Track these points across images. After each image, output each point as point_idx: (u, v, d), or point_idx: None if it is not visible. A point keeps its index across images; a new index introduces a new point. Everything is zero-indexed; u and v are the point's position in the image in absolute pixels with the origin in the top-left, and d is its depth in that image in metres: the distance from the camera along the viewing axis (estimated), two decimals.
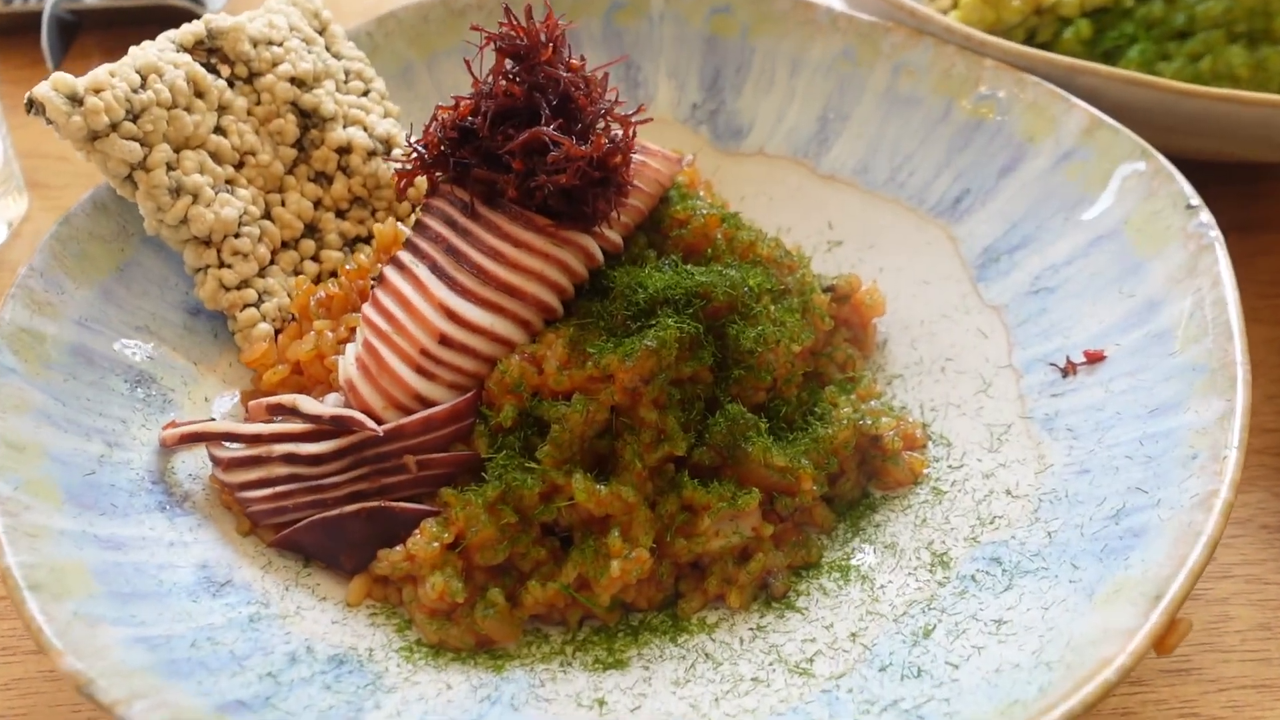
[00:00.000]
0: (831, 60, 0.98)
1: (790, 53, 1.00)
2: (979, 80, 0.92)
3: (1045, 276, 0.83)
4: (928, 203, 0.92)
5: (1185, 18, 1.07)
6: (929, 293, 0.88)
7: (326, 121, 0.89)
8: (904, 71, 0.96)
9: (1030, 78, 0.90)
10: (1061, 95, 0.87)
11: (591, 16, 1.03)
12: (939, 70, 0.94)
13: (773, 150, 0.99)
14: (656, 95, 1.03)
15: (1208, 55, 1.06)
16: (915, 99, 0.95)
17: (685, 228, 0.80)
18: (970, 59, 0.93)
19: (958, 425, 0.78)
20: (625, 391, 0.70)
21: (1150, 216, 0.79)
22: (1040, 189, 0.86)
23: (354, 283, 0.81)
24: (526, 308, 0.74)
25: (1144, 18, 1.08)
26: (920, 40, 0.95)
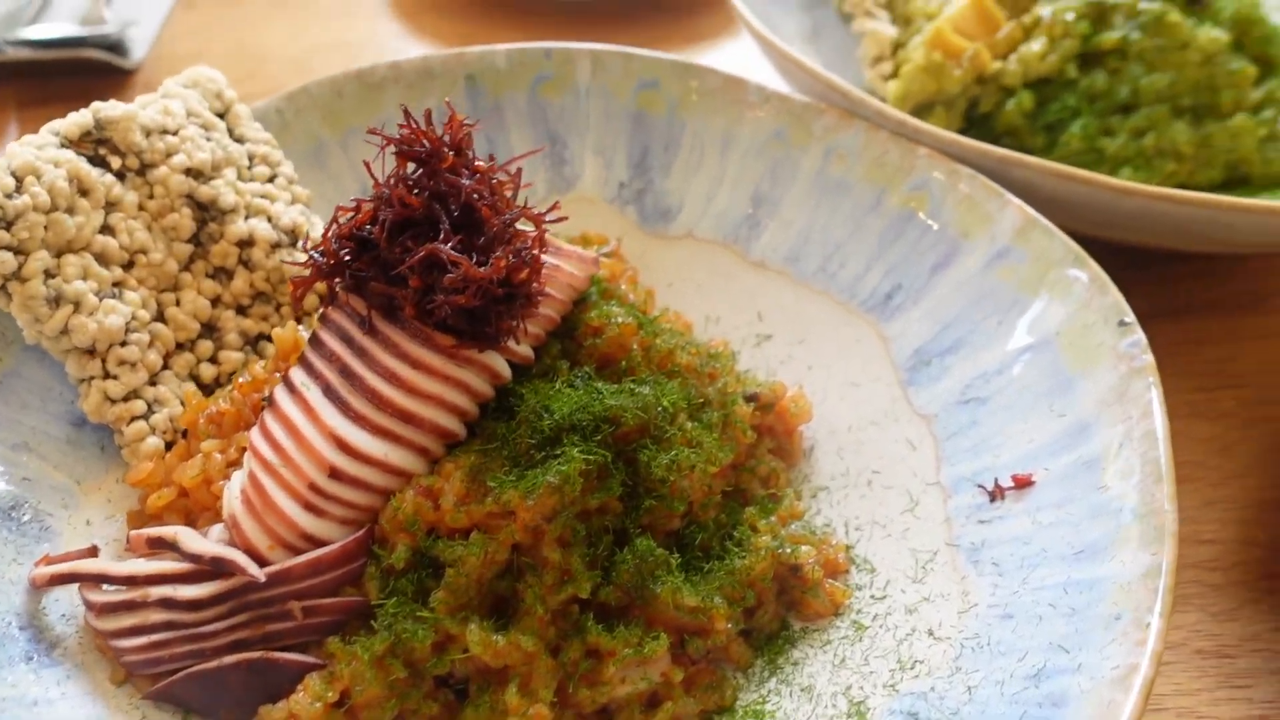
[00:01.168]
0: (763, 141, 0.95)
1: (720, 131, 0.96)
2: (911, 169, 0.88)
3: (976, 385, 0.79)
4: (859, 297, 0.88)
5: (1129, 91, 1.04)
6: (858, 396, 0.84)
7: (226, 214, 0.84)
8: (836, 156, 0.92)
9: (964, 169, 0.86)
10: (995, 190, 0.84)
11: (516, 90, 0.98)
12: (871, 157, 0.90)
13: (702, 234, 0.96)
14: (583, 173, 0.98)
15: (1151, 131, 1.03)
16: (847, 185, 0.91)
17: (600, 337, 0.76)
18: (903, 146, 0.89)
19: (883, 549, 0.75)
20: (527, 530, 0.66)
21: (1083, 330, 0.76)
22: (973, 289, 0.83)
23: (247, 397, 0.76)
24: (425, 435, 0.69)
25: (1087, 90, 1.05)
26: (852, 124, 0.92)
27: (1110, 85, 1.05)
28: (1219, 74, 1.04)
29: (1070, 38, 1.06)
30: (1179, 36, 1.04)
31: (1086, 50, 1.07)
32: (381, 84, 0.97)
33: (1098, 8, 1.08)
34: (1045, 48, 1.06)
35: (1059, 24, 1.06)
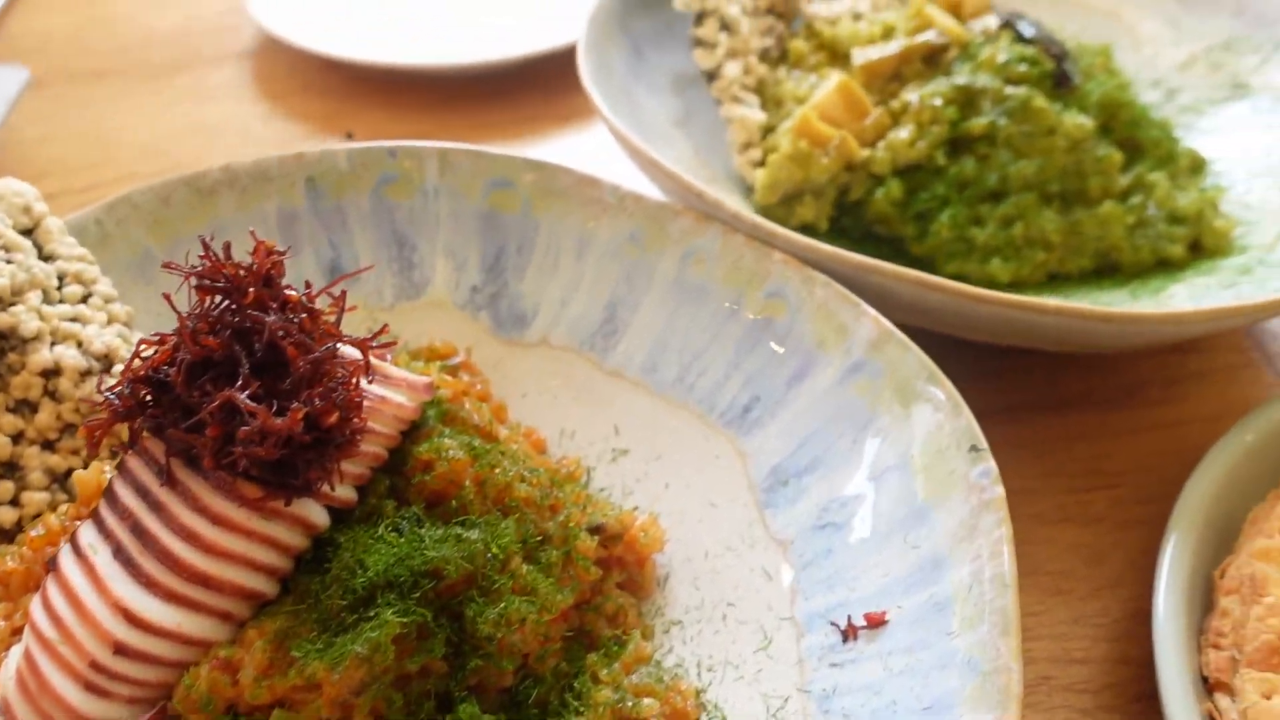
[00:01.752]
0: (619, 243, 0.91)
1: (575, 232, 0.92)
2: (767, 275, 0.85)
3: (833, 509, 0.76)
4: (718, 409, 0.84)
5: (997, 178, 1.02)
6: (716, 517, 0.80)
7: (28, 342, 0.77)
8: (694, 260, 0.88)
9: (819, 276, 0.83)
10: (851, 299, 0.81)
11: (360, 192, 0.93)
12: (728, 261, 0.87)
13: (558, 341, 0.91)
14: (433, 277, 0.94)
15: (1020, 220, 1.01)
16: (705, 291, 0.87)
17: (430, 473, 0.71)
18: (759, 250, 0.86)
19: (734, 694, 0.71)
20: (335, 705, 0.61)
21: (937, 455, 0.72)
22: (829, 405, 0.79)
23: (38, 554, 0.69)
24: (226, 599, 0.63)
25: (956, 177, 1.03)
26: (709, 226, 0.88)
27: (979, 172, 1.03)
28: (1086, 160, 1.02)
29: (938, 124, 1.04)
30: (1046, 122, 1.02)
31: (956, 136, 1.05)
32: (214, 189, 0.91)
33: (965, 93, 1.06)
34: (913, 134, 1.04)
35: (927, 110, 1.04)
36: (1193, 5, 1.25)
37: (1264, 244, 0.99)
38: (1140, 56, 1.26)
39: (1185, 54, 1.23)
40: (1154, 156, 1.06)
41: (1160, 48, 1.25)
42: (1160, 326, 0.79)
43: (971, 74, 1.07)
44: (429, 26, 1.44)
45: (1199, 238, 1.02)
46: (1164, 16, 1.26)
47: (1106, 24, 1.29)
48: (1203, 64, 1.22)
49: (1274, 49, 1.17)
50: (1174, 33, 1.25)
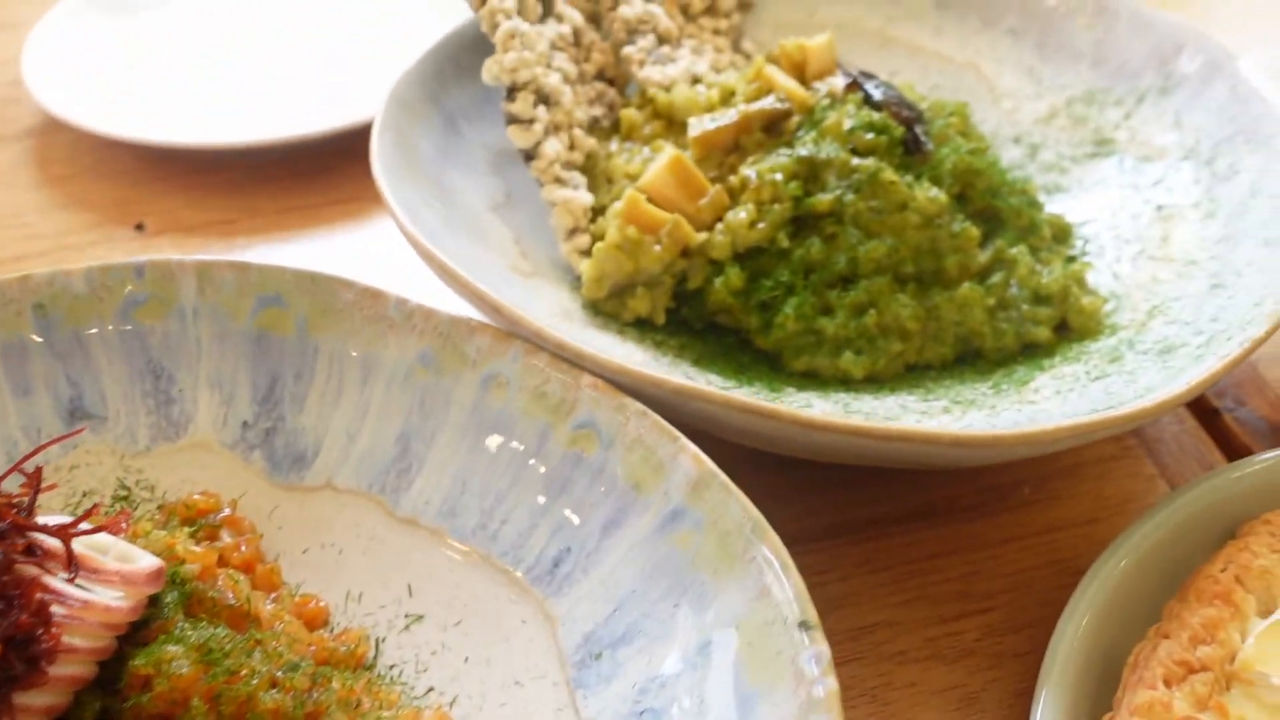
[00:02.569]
0: (409, 366, 0.78)
1: (360, 354, 0.79)
2: (576, 404, 0.73)
3: (652, 692, 0.64)
4: (524, 562, 0.72)
5: (846, 260, 0.92)
6: (522, 699, 0.68)
7: None
8: (494, 385, 0.76)
9: (634, 405, 0.72)
10: (669, 433, 0.70)
11: (102, 318, 0.79)
12: (531, 387, 0.75)
13: (344, 483, 0.78)
14: (196, 414, 0.80)
15: (873, 308, 0.91)
16: (508, 421, 0.75)
17: (148, 692, 0.58)
18: (566, 374, 0.74)
19: None
20: None
21: (763, 629, 0.61)
22: (647, 559, 0.68)
23: None
24: None
25: (802, 261, 0.93)
26: (509, 345, 0.76)
27: (827, 254, 0.93)
28: (942, 237, 0.93)
29: (780, 201, 0.94)
30: (896, 197, 0.93)
31: (801, 214, 0.95)
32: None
33: (809, 165, 0.96)
34: (753, 214, 0.93)
35: (767, 186, 0.94)
36: (1051, 55, 1.17)
37: (1134, 322, 0.90)
38: (1000, 110, 1.18)
39: (1046, 107, 1.16)
40: (1015, 227, 0.97)
41: (1021, 101, 1.17)
42: (1020, 448, 0.69)
43: (815, 144, 0.97)
44: (235, 99, 1.30)
45: (1066, 317, 0.93)
46: (1023, 67, 1.19)
47: (964, 75, 1.21)
48: (1064, 117, 1.14)
49: (1137, 102, 1.10)
50: (1034, 85, 1.17)
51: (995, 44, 1.21)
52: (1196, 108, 1.05)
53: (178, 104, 1.29)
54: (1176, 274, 0.93)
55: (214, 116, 1.26)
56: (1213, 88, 1.04)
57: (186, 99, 1.30)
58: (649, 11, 1.10)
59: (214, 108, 1.28)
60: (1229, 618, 0.70)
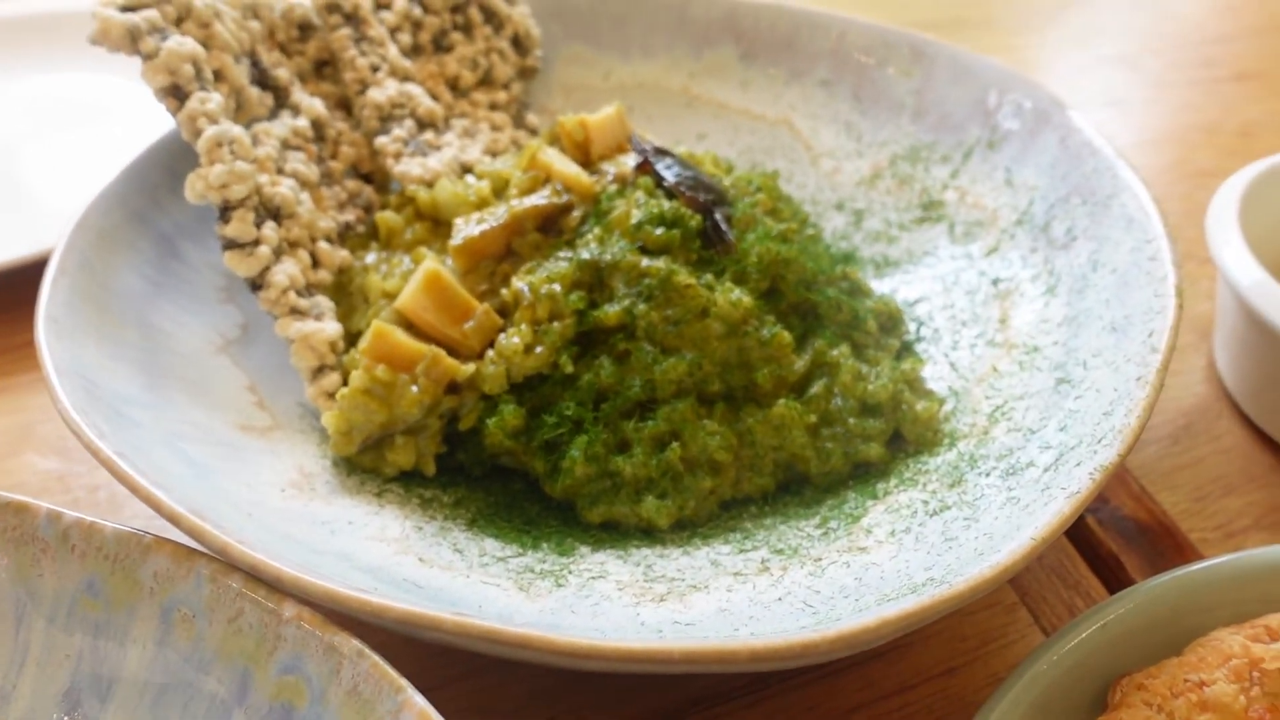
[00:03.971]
0: (73, 598, 0.60)
1: (12, 586, 0.61)
2: (279, 640, 0.57)
3: None
4: None
5: (642, 384, 0.78)
6: None
7: None
8: (178, 618, 0.59)
9: (349, 643, 0.55)
10: (390, 680, 0.54)
11: None
12: (224, 619, 0.58)
13: None
14: None
15: (676, 440, 0.77)
16: (200, 664, 0.58)
17: None
18: (265, 603, 0.57)
19: None
20: None
21: None
22: None
23: None
24: None
25: (591, 388, 0.78)
26: (192, 567, 0.59)
27: (619, 378, 0.78)
28: (750, 346, 0.79)
29: (561, 318, 0.79)
30: (694, 303, 0.79)
31: (587, 329, 0.80)
32: None
33: (593, 270, 0.81)
34: (528, 336, 0.79)
35: (543, 301, 0.79)
36: (869, 108, 1.06)
37: (975, 429, 0.78)
38: (820, 172, 1.06)
39: (869, 167, 1.04)
40: (835, 323, 0.84)
41: (841, 160, 1.05)
42: (835, 651, 0.55)
43: (600, 243, 0.83)
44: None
45: (900, 427, 0.80)
46: (840, 122, 1.07)
47: (778, 133, 1.09)
48: (889, 178, 1.02)
49: (964, 158, 0.99)
50: (854, 142, 1.06)
51: (808, 97, 1.09)
52: (1027, 163, 0.94)
53: None
54: (1018, 364, 0.82)
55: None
56: (1041, 139, 0.94)
57: None
58: (405, 92, 0.94)
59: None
60: None
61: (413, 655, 0.74)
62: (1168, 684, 0.63)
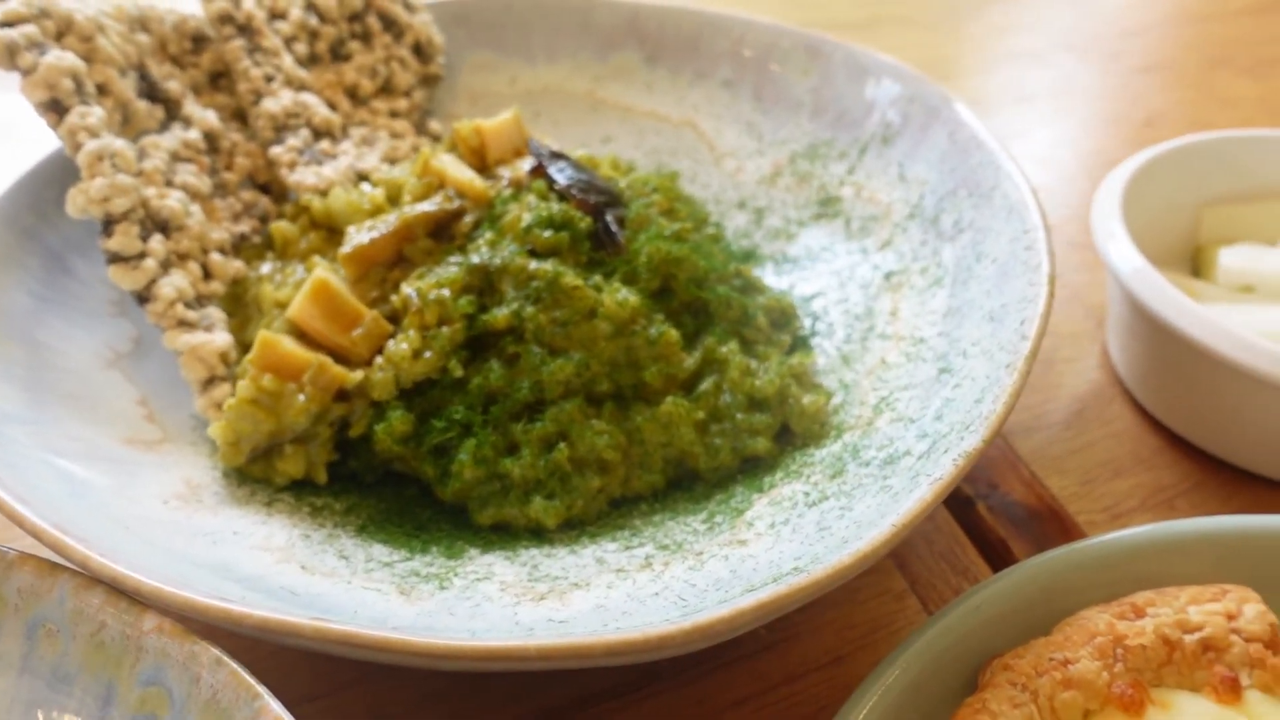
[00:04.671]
0: None
1: None
2: (140, 652, 0.57)
3: None
4: None
5: (530, 386, 0.78)
6: None
7: None
8: (43, 634, 0.59)
9: (209, 652, 0.56)
10: (247, 687, 0.54)
11: None
12: (86, 634, 0.58)
13: None
14: None
15: (564, 440, 0.77)
16: (66, 679, 0.58)
17: None
18: (126, 614, 0.58)
19: None
20: None
21: None
22: None
23: None
24: None
25: (480, 391, 0.79)
26: (55, 582, 0.59)
27: (508, 381, 0.79)
28: (638, 345, 0.80)
29: (450, 323, 0.80)
30: (582, 304, 0.80)
31: (477, 334, 0.81)
32: None
33: (483, 275, 0.82)
34: (416, 341, 0.79)
35: (431, 306, 0.80)
36: (769, 108, 1.07)
37: (861, 421, 0.79)
38: (723, 172, 1.07)
39: (770, 165, 1.05)
40: (725, 320, 0.85)
41: (743, 160, 1.07)
42: (692, 642, 0.56)
43: (491, 248, 0.83)
44: None
45: (787, 421, 0.81)
46: (743, 122, 1.08)
47: (683, 135, 1.10)
48: (789, 176, 1.04)
49: (860, 154, 1.00)
50: (756, 141, 1.07)
51: (711, 98, 1.10)
52: (918, 158, 0.96)
53: None
54: (905, 355, 0.83)
55: None
56: (932, 134, 0.95)
57: None
58: (300, 102, 0.94)
59: None
60: None
61: (309, 665, 0.74)
62: (1033, 663, 0.64)
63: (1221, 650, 0.66)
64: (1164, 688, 0.65)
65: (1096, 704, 0.64)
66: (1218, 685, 0.65)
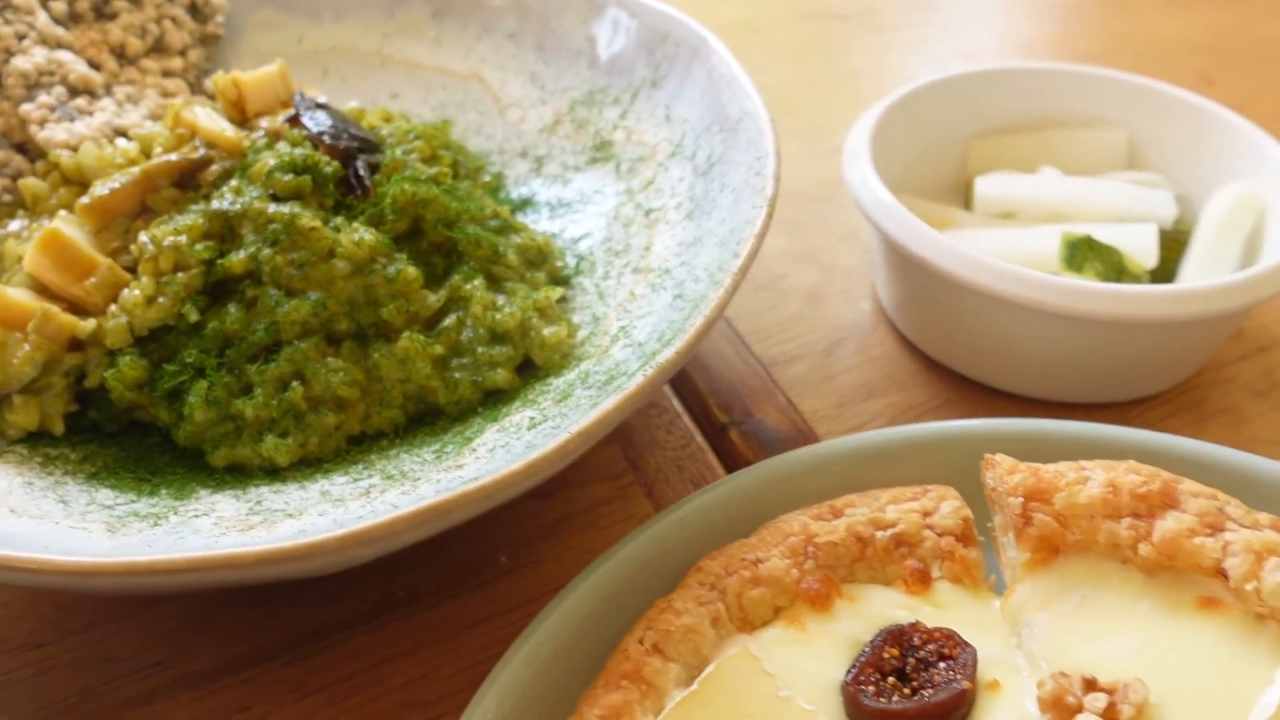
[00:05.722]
0: None
1: None
2: None
3: None
4: None
5: (266, 327, 0.78)
6: None
7: None
8: None
9: None
10: None
11: None
12: None
13: None
14: None
15: (298, 379, 0.78)
16: None
17: None
18: None
19: None
20: None
21: None
22: None
23: None
24: None
25: (217, 335, 0.79)
26: None
27: (245, 322, 0.79)
28: (377, 284, 0.81)
29: (186, 269, 0.80)
30: (320, 245, 0.80)
31: (217, 278, 0.81)
32: None
33: (223, 221, 0.82)
34: (149, 288, 0.79)
35: (166, 253, 0.80)
36: (551, 57, 1.08)
37: (599, 350, 0.80)
38: (508, 123, 1.07)
39: (551, 114, 1.06)
40: (475, 259, 0.86)
41: (527, 110, 1.07)
42: (345, 549, 0.57)
43: (236, 195, 0.83)
44: None
45: (530, 354, 0.82)
46: (526, 73, 1.09)
47: (470, 88, 1.10)
48: (568, 123, 1.05)
49: (632, 99, 1.01)
50: (538, 91, 1.08)
51: (497, 50, 1.10)
52: (682, 98, 0.97)
53: None
54: (651, 286, 0.84)
55: None
56: (693, 74, 0.97)
57: None
58: (55, 59, 0.93)
59: None
60: (638, 699, 0.60)
61: (38, 612, 0.74)
62: (724, 564, 0.66)
63: (914, 545, 0.68)
64: (856, 583, 0.67)
65: (785, 600, 0.66)
66: (908, 577, 0.67)
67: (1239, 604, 0.63)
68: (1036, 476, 0.67)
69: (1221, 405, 0.89)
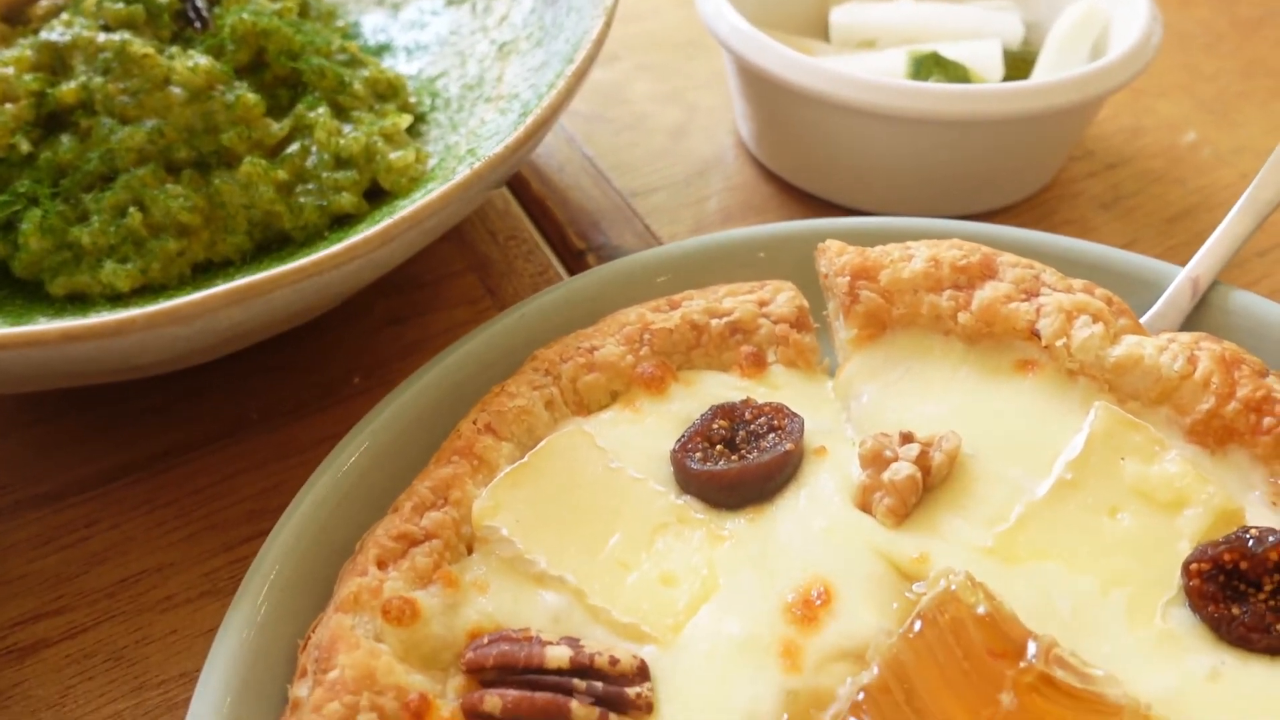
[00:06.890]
0: None
1: None
2: None
3: None
4: None
5: (101, 156, 0.77)
6: None
7: None
8: None
9: None
10: None
11: None
12: None
13: None
14: None
15: (136, 206, 0.76)
16: None
17: None
18: None
19: None
20: None
21: None
22: None
23: None
24: None
25: (50, 165, 0.77)
26: None
27: (80, 151, 0.77)
28: (215, 110, 0.79)
29: (15, 100, 0.78)
30: (154, 73, 0.78)
31: (50, 111, 0.79)
32: None
33: (52, 53, 0.80)
34: None
35: None
36: None
37: (447, 170, 0.80)
38: None
39: None
40: (320, 89, 0.84)
41: None
42: (154, 325, 0.57)
43: (66, 27, 0.81)
44: None
45: (377, 178, 0.82)
46: None
47: None
48: None
49: None
50: None
51: None
52: None
53: None
54: (500, 111, 0.84)
55: None
56: None
57: None
58: None
59: None
60: (469, 473, 0.61)
61: None
62: (559, 351, 0.67)
63: (750, 332, 0.69)
64: (692, 369, 0.69)
65: (621, 385, 0.67)
66: (743, 362, 0.68)
67: (1052, 363, 0.65)
68: (863, 256, 0.69)
69: (1069, 217, 0.92)
